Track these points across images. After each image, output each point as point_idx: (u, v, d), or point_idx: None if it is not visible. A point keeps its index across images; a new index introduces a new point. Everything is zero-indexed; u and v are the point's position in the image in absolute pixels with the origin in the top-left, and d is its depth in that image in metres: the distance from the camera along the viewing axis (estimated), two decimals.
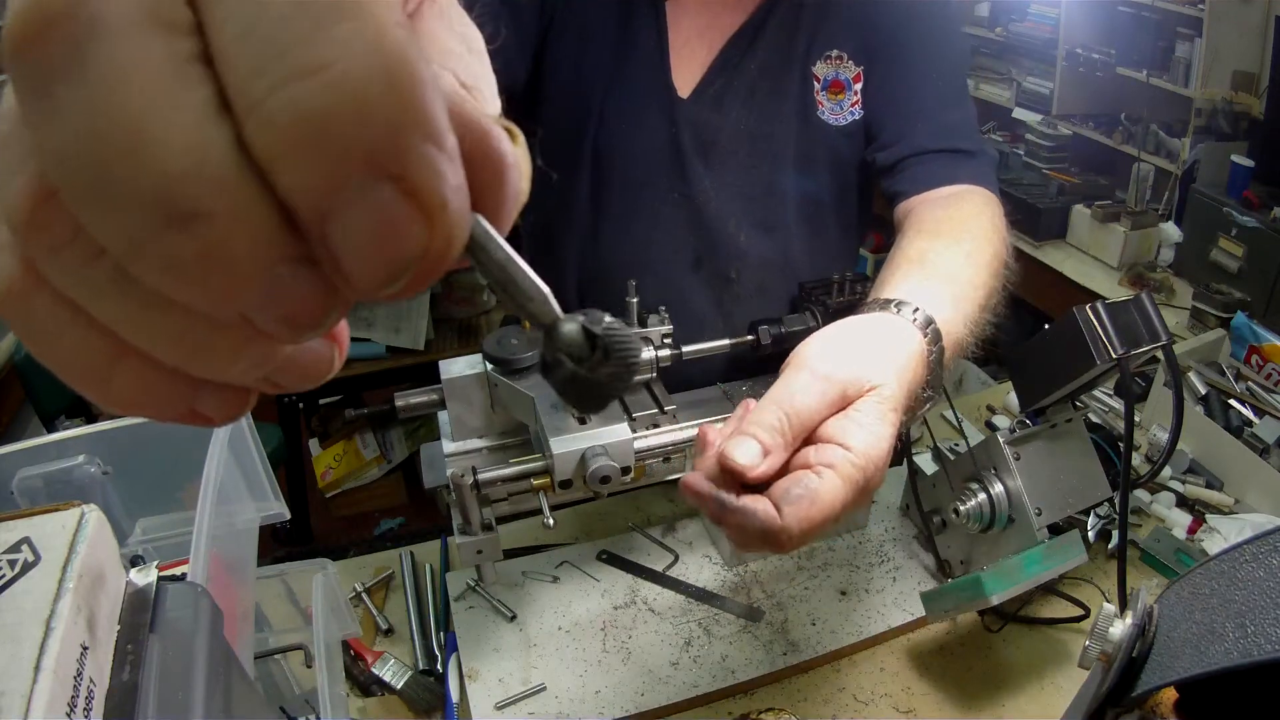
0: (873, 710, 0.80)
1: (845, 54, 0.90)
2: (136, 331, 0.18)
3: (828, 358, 0.54)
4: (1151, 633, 0.45)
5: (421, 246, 0.17)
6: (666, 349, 0.81)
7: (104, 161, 0.15)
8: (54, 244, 0.17)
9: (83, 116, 0.15)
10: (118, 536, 0.41)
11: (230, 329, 0.18)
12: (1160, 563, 0.93)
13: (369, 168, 0.16)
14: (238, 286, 0.16)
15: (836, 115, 0.92)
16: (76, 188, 0.16)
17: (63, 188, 0.16)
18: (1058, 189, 2.61)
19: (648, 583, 0.92)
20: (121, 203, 0.15)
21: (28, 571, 0.36)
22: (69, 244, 0.17)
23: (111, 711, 0.36)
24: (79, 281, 0.17)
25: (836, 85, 0.90)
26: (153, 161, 0.15)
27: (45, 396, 1.91)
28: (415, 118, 0.16)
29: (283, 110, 0.15)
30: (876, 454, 0.50)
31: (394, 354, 2.42)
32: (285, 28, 0.15)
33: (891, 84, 0.90)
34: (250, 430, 0.65)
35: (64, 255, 0.17)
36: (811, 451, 0.50)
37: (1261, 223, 2.04)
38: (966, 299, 0.68)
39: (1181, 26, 2.35)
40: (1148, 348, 0.73)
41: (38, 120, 0.16)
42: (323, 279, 0.17)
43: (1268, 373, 1.15)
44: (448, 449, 0.79)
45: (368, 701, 0.83)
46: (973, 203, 0.84)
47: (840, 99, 0.91)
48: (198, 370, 0.19)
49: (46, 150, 0.16)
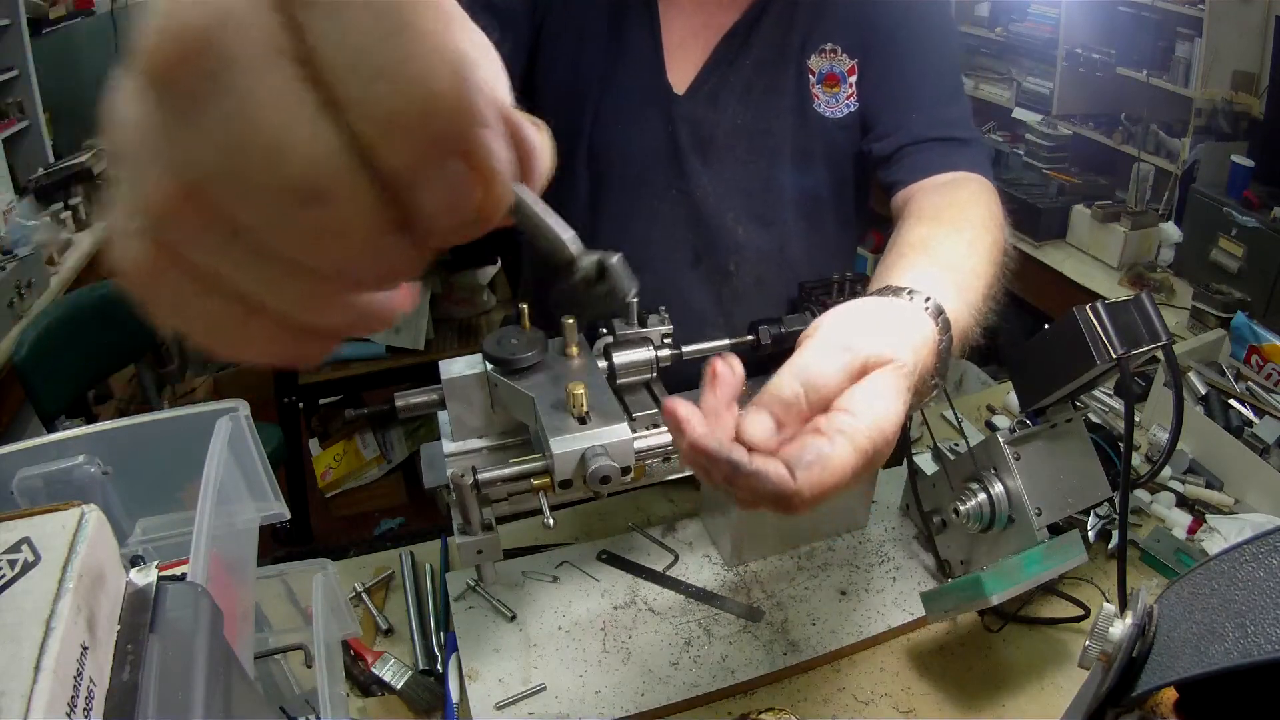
0: (873, 710, 0.80)
1: (840, 48, 0.91)
2: (269, 292, 0.23)
3: (846, 330, 0.53)
4: (1151, 633, 0.45)
5: (481, 205, 0.23)
6: (666, 349, 0.81)
7: (248, 163, 0.20)
8: (197, 230, 0.21)
9: (228, 131, 0.20)
10: (118, 536, 0.41)
11: (342, 284, 0.24)
12: (1160, 563, 0.93)
13: (444, 149, 0.21)
14: (354, 249, 0.22)
15: (832, 108, 0.93)
16: (226, 184, 0.20)
17: (213, 185, 0.20)
18: (1058, 189, 2.61)
19: (648, 583, 0.92)
20: (264, 194, 0.20)
21: (28, 571, 0.36)
22: (211, 228, 0.21)
23: (111, 711, 0.36)
24: (222, 258, 0.22)
25: (831, 78, 0.91)
26: (285, 161, 0.20)
27: (45, 396, 1.90)
28: (473, 110, 0.21)
29: (376, 106, 0.20)
30: (888, 426, 0.48)
31: (394, 354, 2.42)
32: (368, 40, 0.19)
33: (887, 76, 0.91)
34: (250, 430, 0.65)
35: (207, 238, 0.22)
36: (823, 418, 0.49)
37: (1261, 223, 2.04)
38: (970, 288, 0.68)
39: (1181, 26, 2.35)
40: (1148, 348, 0.73)
41: (183, 133, 0.20)
42: (410, 239, 0.23)
43: (1268, 373, 1.15)
44: (448, 449, 0.79)
45: (368, 701, 0.83)
46: (970, 189, 0.84)
47: (835, 92, 0.92)
48: (312, 320, 0.24)
49: (194, 155, 0.20)
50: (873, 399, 0.49)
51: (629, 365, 0.80)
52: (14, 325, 2.05)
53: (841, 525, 0.98)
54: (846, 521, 0.98)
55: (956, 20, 3.18)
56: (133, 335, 2.22)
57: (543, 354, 0.75)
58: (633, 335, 0.81)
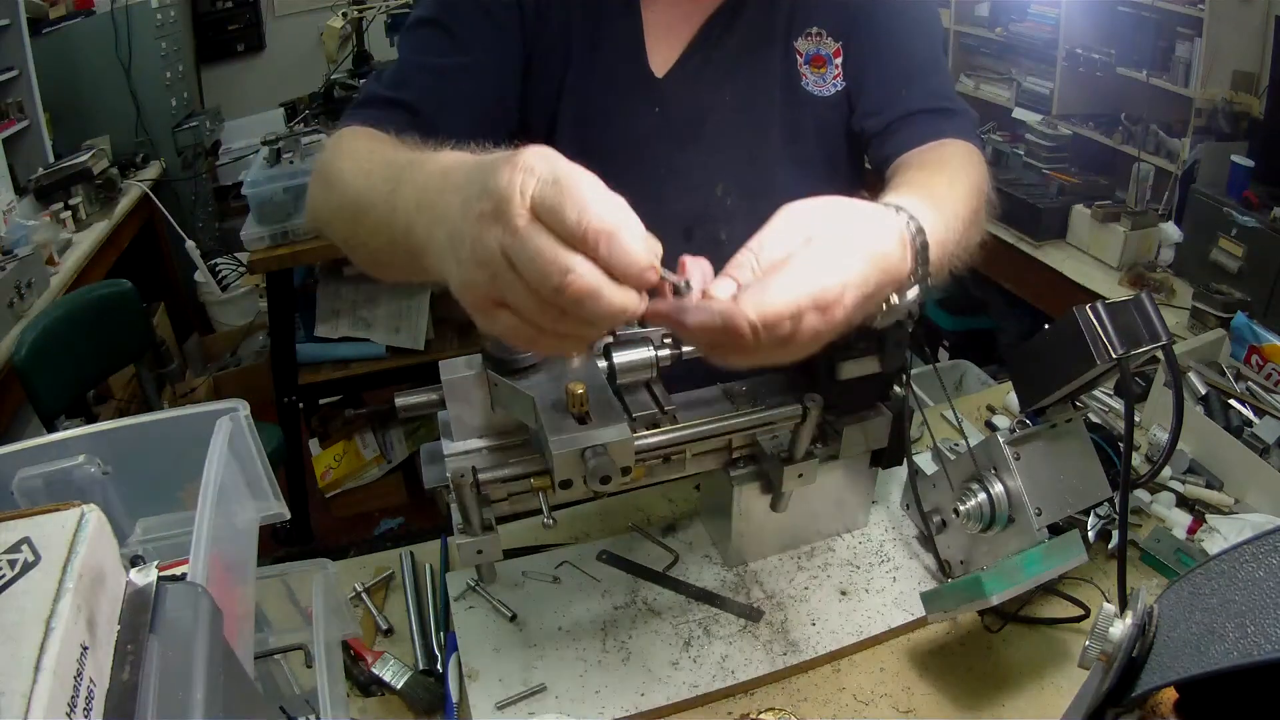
0: (873, 710, 0.80)
1: (824, 31, 0.94)
2: (556, 325, 0.48)
3: (804, 211, 0.58)
4: (1151, 633, 0.45)
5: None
6: (666, 349, 0.81)
7: (537, 291, 0.46)
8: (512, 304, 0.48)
9: (532, 275, 0.46)
10: (118, 536, 0.41)
11: (594, 326, 0.48)
12: (1160, 563, 0.93)
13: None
14: (600, 315, 0.46)
15: (820, 87, 0.96)
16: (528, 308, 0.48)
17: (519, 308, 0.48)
18: (1058, 189, 2.60)
19: (648, 583, 0.92)
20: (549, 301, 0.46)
21: (28, 571, 0.36)
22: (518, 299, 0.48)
23: (111, 711, 0.36)
24: (527, 309, 0.47)
25: (818, 60, 0.94)
26: (558, 286, 0.45)
27: (45, 396, 1.90)
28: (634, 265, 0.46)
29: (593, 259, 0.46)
30: (832, 271, 0.53)
31: (394, 354, 2.42)
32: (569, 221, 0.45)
33: (874, 55, 0.94)
34: (250, 430, 0.65)
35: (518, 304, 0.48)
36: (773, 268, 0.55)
37: (1261, 223, 2.04)
38: (947, 208, 0.70)
39: (1181, 26, 2.35)
40: (1148, 348, 0.73)
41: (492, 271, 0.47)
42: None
43: (1268, 373, 1.15)
44: (448, 449, 0.79)
45: (368, 701, 0.83)
46: (952, 148, 0.87)
47: (822, 72, 0.95)
48: (580, 335, 0.50)
49: (506, 284, 0.47)
50: (813, 250, 0.54)
51: (629, 365, 0.80)
52: (14, 325, 2.05)
53: (841, 525, 0.98)
54: (846, 521, 0.98)
55: (957, 21, 3.18)
56: (133, 335, 2.22)
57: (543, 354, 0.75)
58: (633, 335, 0.81)
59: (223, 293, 3.50)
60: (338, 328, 2.40)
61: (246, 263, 2.45)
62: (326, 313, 2.40)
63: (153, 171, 3.31)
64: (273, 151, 2.32)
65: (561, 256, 0.44)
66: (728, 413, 0.81)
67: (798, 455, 0.81)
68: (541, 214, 0.45)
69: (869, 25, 0.94)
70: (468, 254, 0.48)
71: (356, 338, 2.40)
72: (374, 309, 2.39)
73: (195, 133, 3.63)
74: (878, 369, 0.83)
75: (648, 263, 0.46)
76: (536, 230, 0.45)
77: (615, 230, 0.45)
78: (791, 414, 0.79)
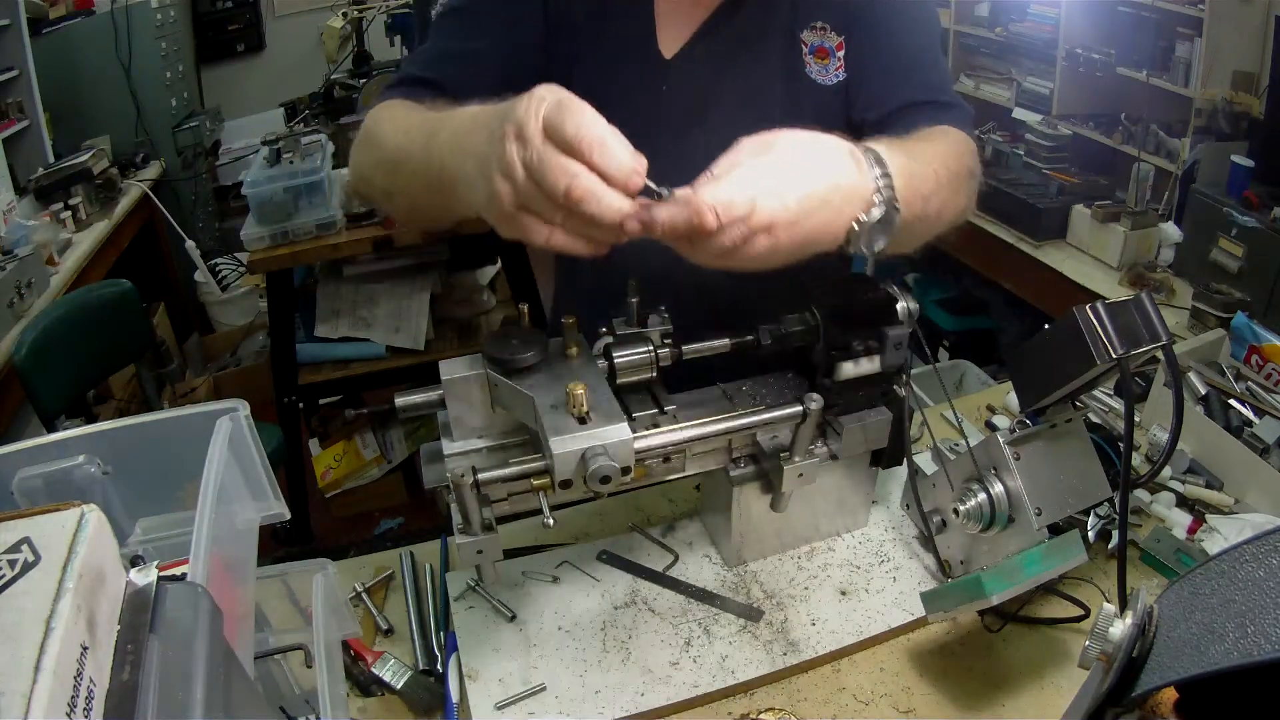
0: (873, 710, 0.80)
1: (828, 25, 0.98)
2: (566, 223, 0.59)
3: (759, 137, 0.66)
4: (1151, 633, 0.45)
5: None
6: (666, 349, 0.81)
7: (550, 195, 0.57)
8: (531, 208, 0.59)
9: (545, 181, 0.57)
10: (118, 536, 0.41)
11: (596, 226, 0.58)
12: (1160, 563, 0.93)
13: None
14: (599, 214, 0.57)
15: (824, 77, 0.99)
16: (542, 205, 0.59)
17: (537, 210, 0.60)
18: (1058, 189, 2.60)
19: (648, 583, 0.92)
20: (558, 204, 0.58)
21: (28, 571, 0.36)
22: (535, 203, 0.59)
23: (111, 711, 0.36)
24: (544, 211, 0.59)
25: (822, 51, 0.99)
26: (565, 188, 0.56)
27: (45, 396, 1.90)
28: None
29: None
30: (782, 166, 0.63)
31: (394, 354, 2.42)
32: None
33: (875, 49, 0.98)
34: (250, 430, 0.65)
35: (535, 207, 0.59)
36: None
37: (1261, 223, 2.04)
38: (918, 154, 0.75)
39: (1181, 26, 2.35)
40: (1148, 348, 0.73)
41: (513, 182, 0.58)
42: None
43: (1268, 373, 1.15)
44: (448, 449, 0.79)
45: (368, 701, 0.83)
46: (943, 130, 0.90)
47: (826, 63, 0.99)
48: (587, 235, 0.60)
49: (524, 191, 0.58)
50: (772, 155, 0.64)
51: (629, 365, 0.80)
52: (14, 325, 2.05)
53: (841, 525, 0.98)
54: (846, 521, 0.98)
55: (957, 21, 3.18)
56: (133, 335, 2.22)
57: (543, 354, 0.75)
58: (633, 335, 0.81)
59: (223, 293, 3.51)
60: (338, 328, 2.40)
61: (246, 263, 2.45)
62: (326, 313, 2.40)
63: (153, 171, 3.31)
64: (273, 151, 2.32)
65: (568, 165, 0.56)
66: (728, 413, 0.81)
67: (797, 455, 0.81)
68: (550, 131, 0.57)
69: (869, 21, 0.97)
70: (494, 170, 0.59)
71: (356, 338, 2.40)
72: (374, 309, 2.39)
73: (195, 133, 3.63)
74: (878, 369, 0.83)
75: (632, 166, 0.57)
76: (548, 145, 0.57)
77: (605, 139, 0.57)
78: (791, 414, 0.79)
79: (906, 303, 0.82)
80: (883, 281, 0.82)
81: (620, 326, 0.82)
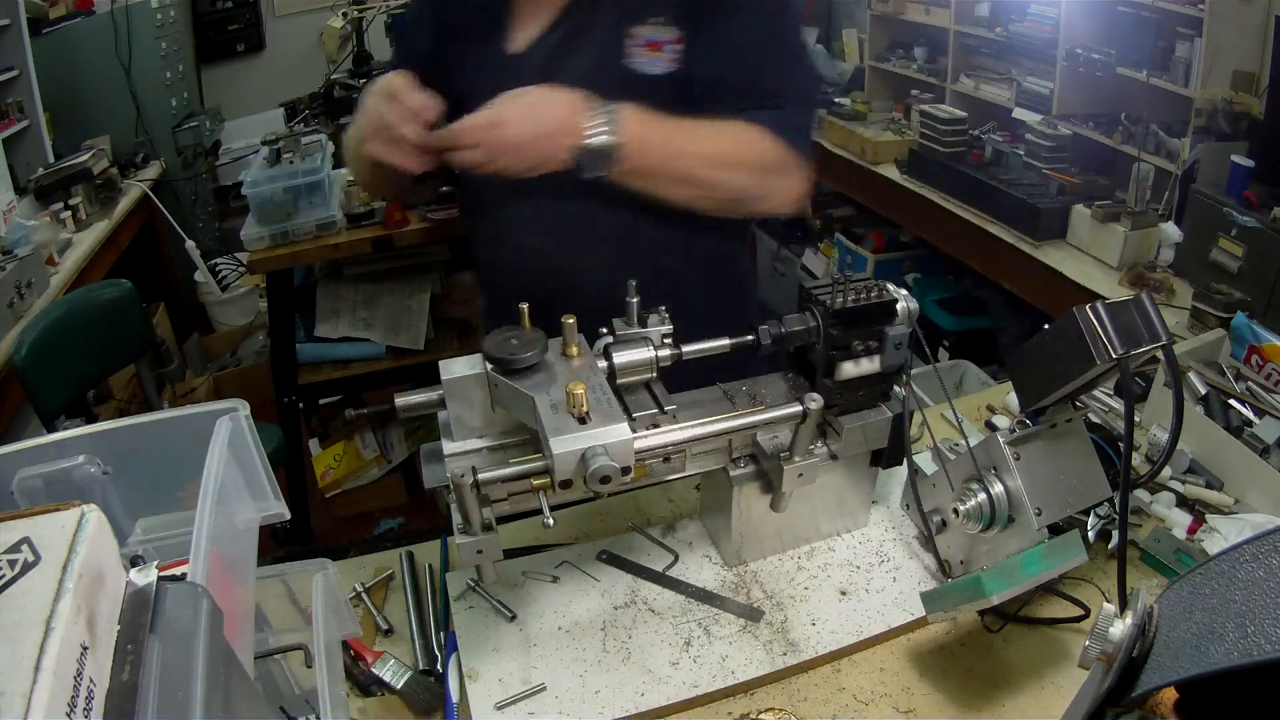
0: (873, 710, 0.80)
1: (665, 19, 1.05)
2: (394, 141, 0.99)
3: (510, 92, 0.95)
4: (1151, 633, 0.45)
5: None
6: (666, 349, 0.81)
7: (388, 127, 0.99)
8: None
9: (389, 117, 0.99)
10: (118, 536, 0.41)
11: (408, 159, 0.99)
12: (1160, 563, 0.93)
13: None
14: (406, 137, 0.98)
15: (651, 68, 1.06)
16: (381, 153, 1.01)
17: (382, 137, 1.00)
18: (1058, 189, 2.60)
19: (648, 583, 0.92)
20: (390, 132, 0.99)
21: (28, 571, 0.36)
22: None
23: (111, 711, 0.36)
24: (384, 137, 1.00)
25: (653, 44, 1.07)
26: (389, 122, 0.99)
27: (45, 396, 1.90)
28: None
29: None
30: (506, 103, 0.95)
31: (394, 354, 2.42)
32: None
33: (717, 47, 1.04)
34: (250, 430, 0.65)
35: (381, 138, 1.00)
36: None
37: (1261, 223, 2.04)
38: (680, 125, 1.00)
39: (1181, 26, 2.35)
40: (1148, 348, 0.73)
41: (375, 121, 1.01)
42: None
43: (1268, 373, 1.15)
44: (448, 449, 0.79)
45: (368, 701, 0.83)
46: (743, 125, 1.02)
47: (656, 56, 1.07)
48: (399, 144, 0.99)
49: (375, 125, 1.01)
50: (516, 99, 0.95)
51: (629, 365, 0.80)
52: (14, 325, 2.05)
53: (841, 525, 0.98)
54: (846, 521, 0.98)
55: (957, 21, 3.18)
56: (133, 335, 2.22)
57: (543, 354, 0.75)
58: (633, 335, 0.81)
59: (223, 293, 3.50)
60: (338, 328, 2.40)
61: (246, 263, 2.45)
62: (326, 313, 2.40)
63: (153, 171, 3.31)
64: (273, 151, 2.32)
65: (396, 111, 0.97)
66: (728, 413, 0.81)
67: (797, 455, 0.81)
68: (382, 95, 0.99)
69: (714, 17, 1.04)
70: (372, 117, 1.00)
71: (356, 338, 2.40)
72: (374, 309, 2.39)
73: (195, 133, 3.63)
74: (878, 369, 0.83)
75: (420, 104, 0.97)
76: (380, 98, 0.99)
77: (401, 89, 0.97)
78: (791, 414, 0.79)
79: (906, 303, 0.82)
80: (883, 281, 0.82)
81: (620, 326, 0.82)
